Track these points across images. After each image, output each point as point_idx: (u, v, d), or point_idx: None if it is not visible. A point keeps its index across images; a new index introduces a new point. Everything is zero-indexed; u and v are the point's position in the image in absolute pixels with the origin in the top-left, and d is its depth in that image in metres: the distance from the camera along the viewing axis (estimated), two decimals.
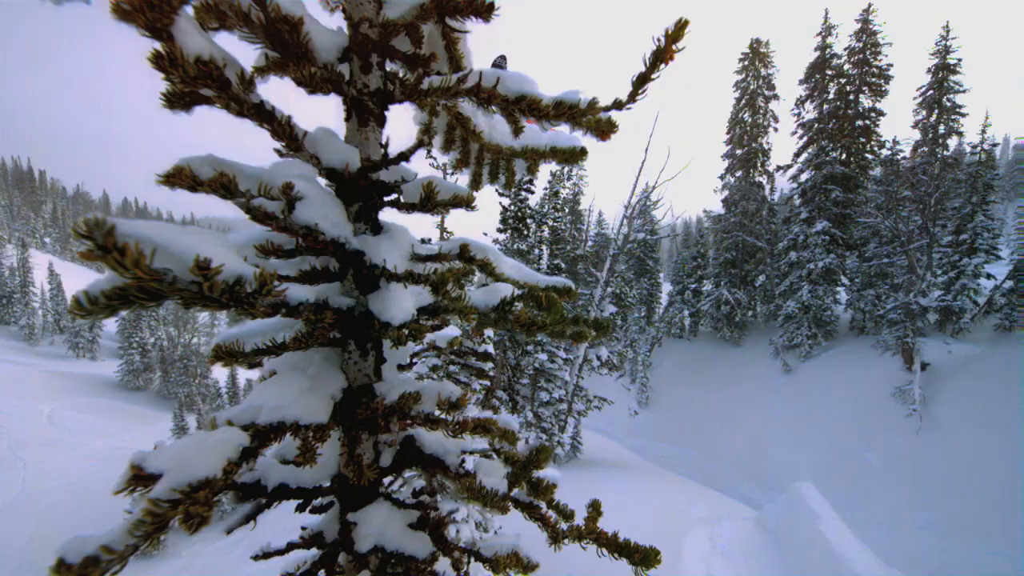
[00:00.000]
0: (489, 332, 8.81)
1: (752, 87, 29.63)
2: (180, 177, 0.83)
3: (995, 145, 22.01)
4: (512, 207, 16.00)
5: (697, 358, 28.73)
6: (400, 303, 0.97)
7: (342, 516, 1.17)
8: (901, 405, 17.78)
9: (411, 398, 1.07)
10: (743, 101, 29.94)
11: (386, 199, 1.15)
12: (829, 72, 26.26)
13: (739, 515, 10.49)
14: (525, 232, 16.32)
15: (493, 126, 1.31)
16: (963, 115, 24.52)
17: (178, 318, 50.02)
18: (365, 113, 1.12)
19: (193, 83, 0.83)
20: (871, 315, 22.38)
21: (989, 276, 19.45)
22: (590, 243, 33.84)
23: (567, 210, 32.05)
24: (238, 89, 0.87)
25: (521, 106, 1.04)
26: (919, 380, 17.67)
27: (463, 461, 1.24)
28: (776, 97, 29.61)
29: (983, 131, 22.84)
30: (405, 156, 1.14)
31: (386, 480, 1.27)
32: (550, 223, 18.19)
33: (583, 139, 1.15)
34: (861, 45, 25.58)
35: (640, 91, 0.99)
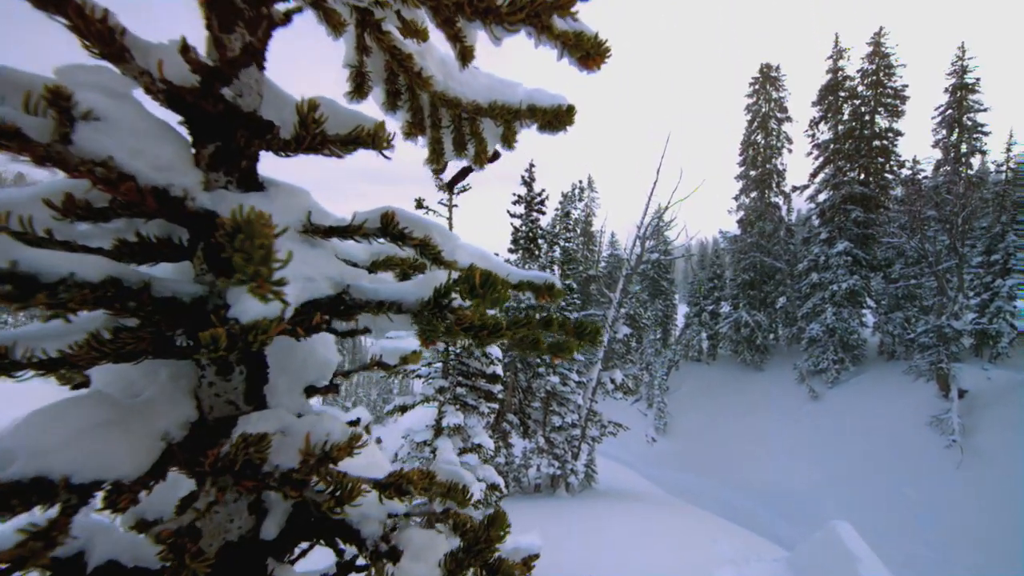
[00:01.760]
0: (497, 353, 8.43)
1: (764, 110, 29.53)
2: None
3: (1022, 163, 21.26)
4: (523, 227, 15.83)
5: (717, 382, 27.67)
6: None
7: None
8: (939, 435, 16.63)
9: (251, 444, 0.74)
10: (755, 123, 29.80)
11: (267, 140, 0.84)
12: (843, 94, 26.06)
13: (768, 555, 9.66)
14: (536, 252, 16.08)
15: (449, 73, 1.01)
16: (985, 134, 23.97)
17: None
18: (230, 14, 0.77)
19: None
20: (901, 339, 21.34)
21: None
22: (603, 264, 33.47)
23: (579, 231, 31.88)
24: None
25: None
26: (957, 408, 16.57)
27: (393, 528, 0.89)
28: (789, 119, 29.41)
29: (1008, 149, 22.19)
30: (254, 51, 0.80)
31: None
32: (562, 243, 17.95)
33: (565, 64, 0.84)
34: (874, 67, 25.39)
35: None
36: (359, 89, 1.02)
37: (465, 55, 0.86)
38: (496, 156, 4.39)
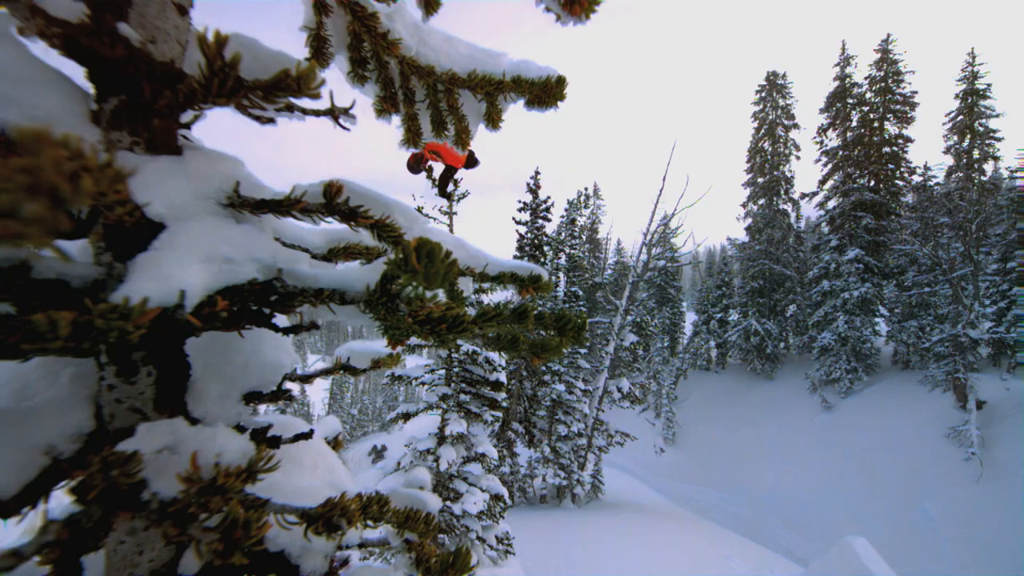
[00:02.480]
0: (499, 360, 8.28)
1: (771, 117, 29.37)
2: None
3: None
4: (529, 234, 15.77)
5: (726, 392, 27.22)
6: (167, 273, 0.53)
7: None
8: (957, 447, 16.14)
9: (113, 466, 0.52)
10: (762, 131, 29.63)
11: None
12: (851, 100, 25.88)
13: (782, 571, 9.36)
14: (542, 259, 15.99)
15: (423, 40, 0.90)
16: (998, 140, 23.64)
17: None
18: None
19: None
20: (916, 348, 20.86)
21: None
22: (609, 271, 33.26)
23: (584, 238, 31.76)
24: None
25: None
26: (975, 420, 16.09)
27: (343, 563, 0.75)
28: (796, 127, 29.22)
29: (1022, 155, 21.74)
30: None
31: None
32: (567, 250, 17.85)
33: (543, 15, 0.73)
34: (882, 74, 25.21)
35: None
36: (318, 55, 0.90)
37: (429, 2, 0.76)
38: (474, 161, 4.18)
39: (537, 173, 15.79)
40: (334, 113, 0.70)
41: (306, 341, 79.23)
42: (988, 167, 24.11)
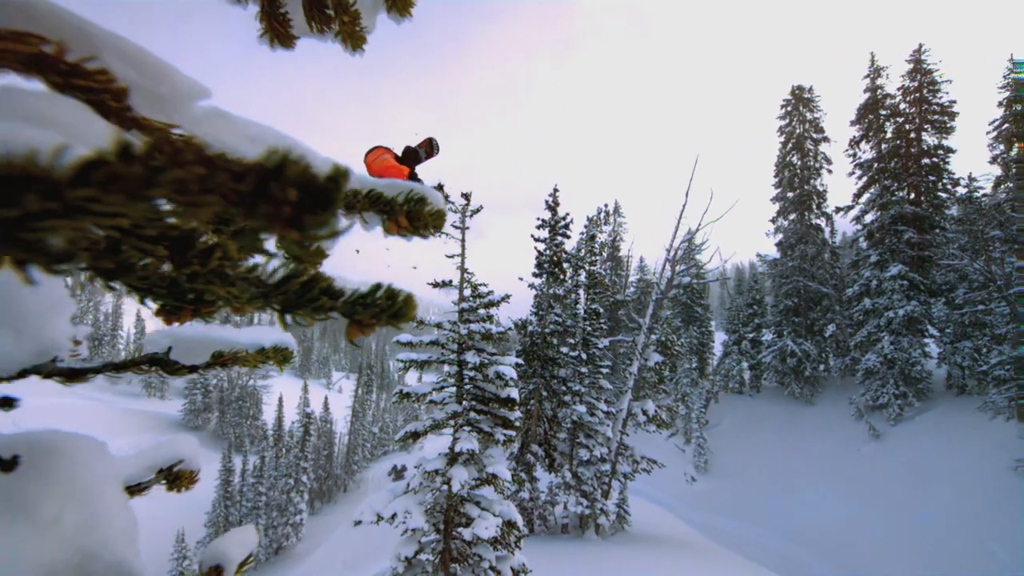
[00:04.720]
0: (511, 373, 7.90)
1: (798, 131, 28.58)
2: None
3: None
4: (547, 251, 15.50)
5: (762, 417, 25.65)
6: None
7: None
8: None
9: None
10: (789, 144, 28.82)
11: None
12: (884, 112, 24.95)
13: None
14: (562, 277, 15.64)
15: None
16: None
17: None
18: None
19: None
20: (972, 371, 19.17)
21: None
22: (631, 289, 32.44)
23: (606, 255, 31.23)
24: None
25: None
26: None
27: None
28: (826, 139, 28.30)
29: None
30: None
31: None
32: (587, 267, 17.45)
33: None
34: (916, 84, 24.26)
35: None
36: None
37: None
38: (431, 147, 3.38)
39: (556, 190, 15.62)
40: None
41: (331, 359, 78.16)
42: None
